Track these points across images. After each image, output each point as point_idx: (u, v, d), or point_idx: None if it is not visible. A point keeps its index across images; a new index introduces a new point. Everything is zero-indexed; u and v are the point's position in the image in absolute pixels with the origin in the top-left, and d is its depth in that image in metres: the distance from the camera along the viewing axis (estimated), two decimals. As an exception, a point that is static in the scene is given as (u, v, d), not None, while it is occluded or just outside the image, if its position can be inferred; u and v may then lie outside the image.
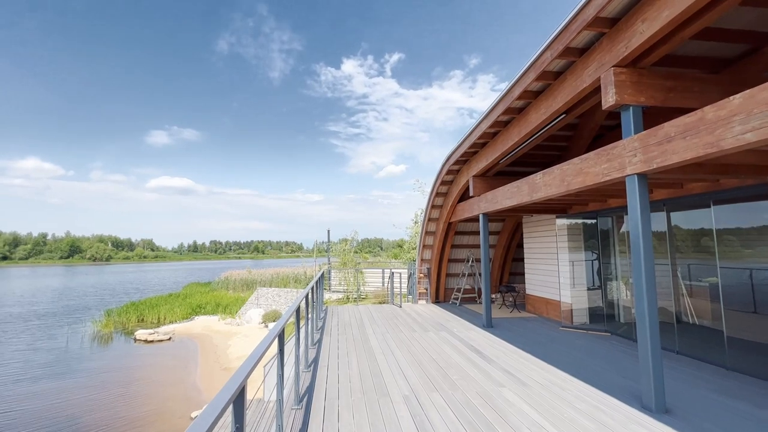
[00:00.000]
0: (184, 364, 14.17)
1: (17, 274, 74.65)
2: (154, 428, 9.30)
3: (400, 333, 7.39)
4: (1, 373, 13.17)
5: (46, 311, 26.49)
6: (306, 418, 3.64)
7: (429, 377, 4.82)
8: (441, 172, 9.38)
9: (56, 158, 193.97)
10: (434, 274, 11.39)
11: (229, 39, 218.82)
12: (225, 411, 1.34)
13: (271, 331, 2.65)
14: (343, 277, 17.03)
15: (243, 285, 29.83)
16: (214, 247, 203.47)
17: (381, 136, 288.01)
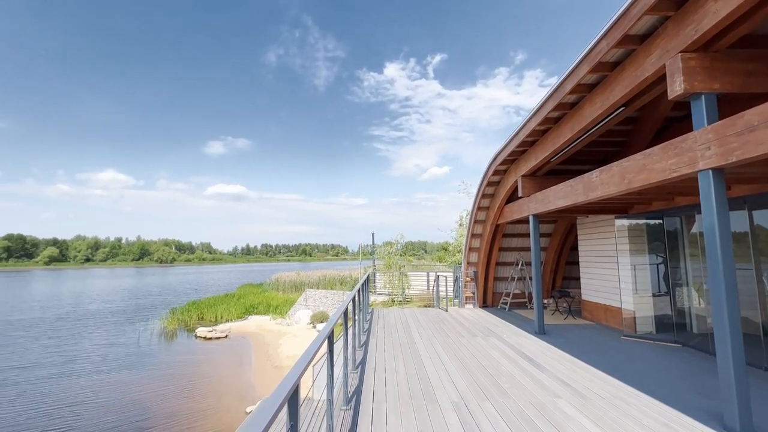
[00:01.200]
0: (239, 361, 14.94)
1: (97, 274, 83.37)
2: (212, 421, 9.88)
3: (447, 337, 7.26)
4: (85, 364, 14.70)
5: (119, 309, 29.27)
6: (355, 419, 3.68)
7: (478, 384, 4.68)
8: (487, 172, 9.12)
9: (129, 170, 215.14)
10: (481, 278, 11.08)
11: (277, 51, 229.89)
12: (281, 409, 1.39)
13: (321, 332, 2.71)
14: (387, 280, 17.10)
15: (292, 286, 30.95)
16: (265, 250, 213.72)
17: (424, 139, 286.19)
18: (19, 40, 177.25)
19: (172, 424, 9.63)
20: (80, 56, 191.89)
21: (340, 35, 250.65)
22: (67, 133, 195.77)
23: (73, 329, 20.81)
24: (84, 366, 14.22)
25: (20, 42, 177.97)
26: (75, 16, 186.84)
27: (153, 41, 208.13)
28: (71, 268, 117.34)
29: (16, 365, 14.04)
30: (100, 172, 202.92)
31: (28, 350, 16.24)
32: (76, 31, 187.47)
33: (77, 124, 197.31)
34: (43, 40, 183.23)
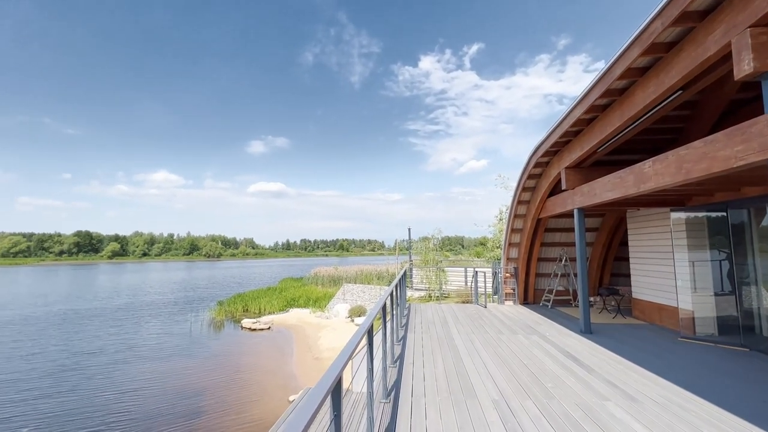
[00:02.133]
0: (281, 352, 15.56)
1: (153, 267, 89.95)
2: (258, 408, 10.38)
3: (486, 334, 7.12)
4: (143, 351, 15.92)
5: (172, 300, 31.41)
6: (394, 412, 3.72)
7: (520, 383, 4.56)
8: (528, 165, 8.79)
9: (179, 170, 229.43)
10: (522, 274, 10.74)
11: (314, 50, 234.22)
12: (325, 399, 1.43)
13: (361, 326, 2.76)
14: (424, 275, 17.02)
15: (330, 281, 31.68)
16: (304, 245, 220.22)
17: (461, 132, 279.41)
18: (84, 52, 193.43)
19: (222, 410, 10.23)
20: (135, 65, 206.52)
21: (375, 30, 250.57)
22: (125, 137, 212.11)
23: (131, 319, 22.59)
24: (142, 353, 15.39)
25: (85, 54, 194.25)
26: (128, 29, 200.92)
27: (198, 48, 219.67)
28: (130, 261, 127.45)
29: (85, 351, 15.44)
30: (154, 173, 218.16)
31: (94, 338, 17.79)
32: (131, 42, 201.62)
33: (133, 129, 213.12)
34: (104, 52, 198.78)
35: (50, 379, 12.07)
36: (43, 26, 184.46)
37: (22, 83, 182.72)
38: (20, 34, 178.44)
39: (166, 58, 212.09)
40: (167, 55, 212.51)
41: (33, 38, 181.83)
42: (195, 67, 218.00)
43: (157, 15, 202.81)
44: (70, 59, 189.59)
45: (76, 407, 10.31)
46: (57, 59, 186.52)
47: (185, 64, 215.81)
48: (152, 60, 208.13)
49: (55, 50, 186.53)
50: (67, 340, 17.32)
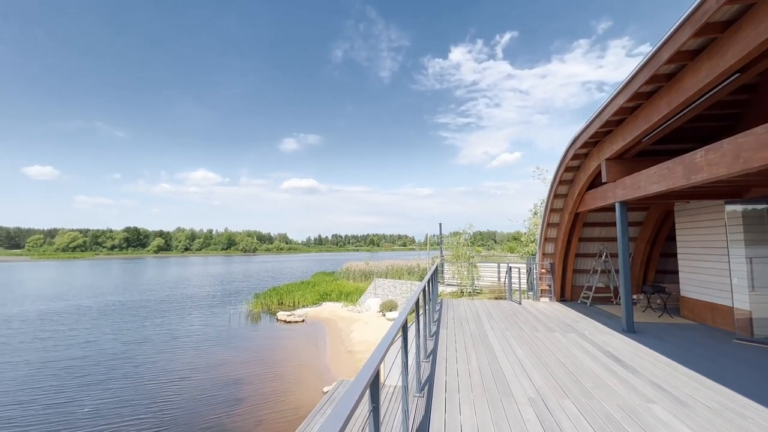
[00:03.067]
0: (315, 344, 15.97)
1: (193, 261, 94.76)
2: (293, 397, 10.73)
3: (521, 331, 6.97)
4: (186, 342, 16.82)
5: (211, 293, 32.97)
6: (428, 406, 3.74)
7: (557, 381, 4.44)
8: (565, 157, 8.45)
9: (217, 168, 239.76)
10: (558, 270, 10.39)
11: (343, 46, 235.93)
12: (365, 392, 1.47)
13: (396, 320, 2.79)
14: (456, 271, 16.85)
15: (362, 275, 32.06)
16: (336, 240, 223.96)
17: (493, 124, 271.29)
18: (129, 58, 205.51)
19: (260, 398, 10.67)
20: (174, 68, 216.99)
21: (404, 24, 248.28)
22: (167, 138, 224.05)
23: (174, 310, 23.89)
24: (185, 343, 16.26)
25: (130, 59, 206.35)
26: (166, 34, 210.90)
27: (231, 49, 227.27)
28: (174, 256, 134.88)
29: (133, 341, 16.46)
30: (194, 172, 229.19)
31: (141, 328, 18.97)
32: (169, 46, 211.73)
33: (175, 130, 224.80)
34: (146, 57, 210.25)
35: (103, 366, 13.00)
36: (93, 35, 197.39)
37: (79, 90, 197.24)
38: (75, 44, 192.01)
39: (202, 61, 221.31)
40: (203, 58, 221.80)
41: (87, 47, 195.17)
42: (229, 68, 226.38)
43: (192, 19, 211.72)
44: (117, 65, 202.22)
45: (127, 393, 11.09)
46: (106, 66, 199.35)
47: (220, 65, 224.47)
48: (189, 62, 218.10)
49: (104, 57, 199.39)
50: (117, 329, 18.60)
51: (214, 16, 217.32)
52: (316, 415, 8.21)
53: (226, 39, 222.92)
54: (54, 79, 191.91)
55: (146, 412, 9.74)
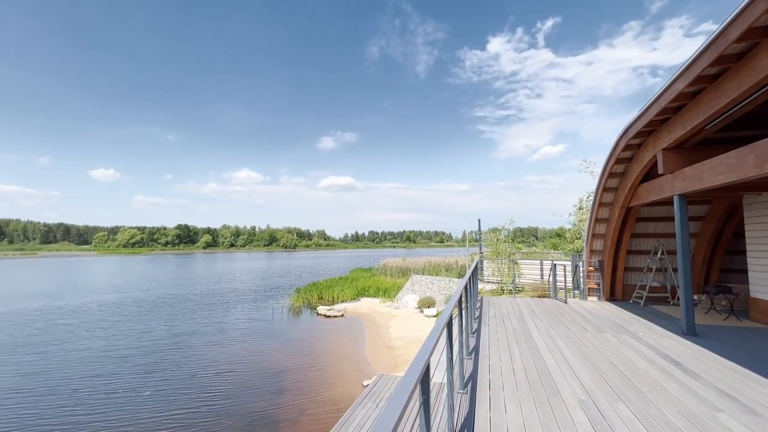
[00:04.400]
0: (355, 339, 16.26)
1: (238, 257, 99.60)
2: (334, 390, 11.01)
3: (568, 331, 6.69)
4: (232, 334, 17.71)
5: (255, 287, 34.48)
6: (472, 403, 3.70)
7: (609, 384, 4.23)
8: (616, 148, 7.97)
9: (259, 168, 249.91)
10: (608, 268, 9.84)
11: (379, 43, 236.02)
12: (417, 386, 1.49)
13: (441, 316, 2.79)
14: (496, 268, 16.45)
15: (399, 272, 32.17)
16: (372, 237, 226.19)
17: (534, 115, 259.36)
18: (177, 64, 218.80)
19: (303, 389, 11.06)
20: (217, 72, 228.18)
21: (440, 16, 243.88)
22: (213, 140, 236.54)
23: (220, 304, 25.16)
24: (232, 336, 17.11)
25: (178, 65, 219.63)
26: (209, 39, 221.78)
27: (269, 50, 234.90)
28: (220, 251, 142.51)
29: (184, 332, 17.50)
30: (238, 172, 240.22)
31: (190, 320, 20.13)
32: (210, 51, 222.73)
33: (220, 132, 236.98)
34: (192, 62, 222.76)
35: (156, 356, 13.91)
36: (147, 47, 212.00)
37: (136, 98, 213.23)
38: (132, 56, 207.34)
39: (243, 65, 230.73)
40: (243, 62, 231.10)
41: (142, 58, 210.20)
42: (268, 71, 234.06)
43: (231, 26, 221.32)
44: (166, 73, 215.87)
45: (181, 381, 11.89)
46: (158, 75, 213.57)
47: (260, 69, 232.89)
48: (231, 68, 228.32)
49: (155, 67, 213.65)
50: (168, 321, 19.89)
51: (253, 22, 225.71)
52: (357, 407, 8.38)
53: (264, 43, 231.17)
54: (115, 88, 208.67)
55: (200, 399, 10.41)
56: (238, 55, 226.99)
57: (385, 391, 9.35)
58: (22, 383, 11.41)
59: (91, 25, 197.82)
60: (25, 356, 13.77)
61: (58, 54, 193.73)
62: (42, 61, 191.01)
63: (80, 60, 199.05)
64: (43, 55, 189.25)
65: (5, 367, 12.63)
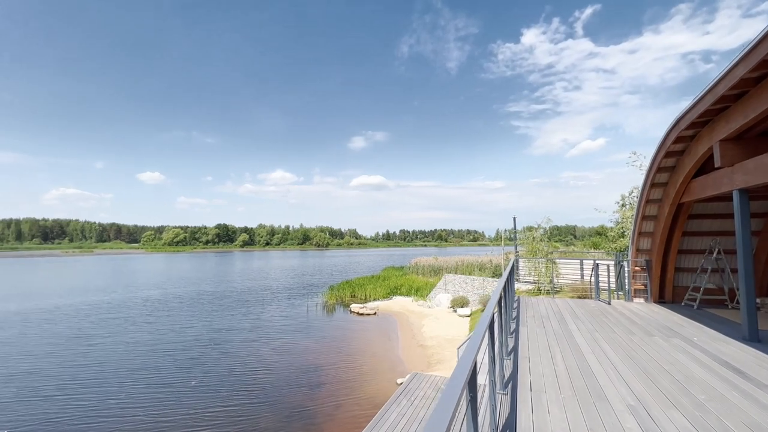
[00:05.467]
0: (388, 337, 16.34)
1: (274, 255, 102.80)
2: (368, 387, 11.13)
3: (613, 333, 6.38)
4: (268, 331, 18.31)
5: (289, 285, 35.43)
6: (513, 404, 3.63)
7: (660, 390, 4.00)
8: (665, 140, 7.49)
9: (292, 168, 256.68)
10: (656, 268, 9.28)
11: (409, 41, 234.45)
12: (465, 386, 1.48)
13: (482, 317, 2.75)
14: (532, 267, 15.95)
15: (431, 271, 31.95)
16: (403, 236, 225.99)
17: (572, 109, 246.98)
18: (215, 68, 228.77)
19: (337, 385, 11.26)
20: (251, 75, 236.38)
21: (472, 11, 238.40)
22: (249, 142, 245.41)
23: (256, 301, 26.01)
24: (268, 332, 17.65)
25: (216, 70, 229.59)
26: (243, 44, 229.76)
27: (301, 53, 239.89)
28: (256, 250, 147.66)
29: (222, 328, 18.21)
30: (272, 172, 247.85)
31: (228, 316, 20.91)
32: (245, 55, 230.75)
33: (255, 134, 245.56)
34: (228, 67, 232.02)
35: (197, 350, 14.55)
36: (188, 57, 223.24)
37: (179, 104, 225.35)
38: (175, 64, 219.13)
39: (276, 68, 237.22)
40: (275, 64, 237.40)
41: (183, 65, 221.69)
42: (299, 71, 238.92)
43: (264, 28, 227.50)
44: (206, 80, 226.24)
45: (222, 374, 12.43)
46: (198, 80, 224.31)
47: (291, 69, 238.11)
48: (264, 72, 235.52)
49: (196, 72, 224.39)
50: (208, 317, 20.79)
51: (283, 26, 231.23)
52: (392, 404, 8.43)
53: (295, 46, 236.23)
54: (160, 95, 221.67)
55: (240, 391, 10.86)
56: (271, 59, 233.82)
57: (420, 389, 9.34)
58: (78, 373, 12.40)
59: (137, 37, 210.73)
60: (82, 347, 14.91)
61: (112, 66, 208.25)
62: (98, 73, 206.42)
63: (131, 70, 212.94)
64: (99, 67, 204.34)
65: (64, 358, 13.74)
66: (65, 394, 10.49)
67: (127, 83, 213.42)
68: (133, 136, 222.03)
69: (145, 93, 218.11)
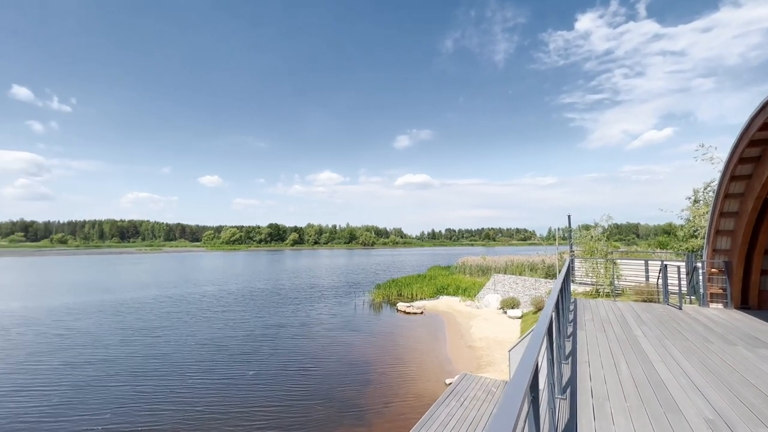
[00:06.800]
0: (435, 337, 16.23)
1: (322, 254, 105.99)
2: (416, 386, 11.13)
3: (686, 341, 5.84)
4: (317, 327, 18.91)
5: (337, 283, 36.33)
6: (573, 410, 3.46)
7: (745, 404, 3.60)
8: (749, 128, 6.70)
9: (339, 169, 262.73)
10: (738, 270, 8.33)
11: (454, 36, 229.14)
12: (527, 389, 1.45)
13: (540, 319, 2.66)
14: (590, 268, 14.99)
15: (478, 270, 31.22)
16: (449, 235, 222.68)
17: (634, 97, 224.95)
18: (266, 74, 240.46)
19: (386, 382, 11.40)
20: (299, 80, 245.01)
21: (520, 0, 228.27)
22: (298, 145, 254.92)
23: (305, 298, 26.92)
24: (317, 328, 18.22)
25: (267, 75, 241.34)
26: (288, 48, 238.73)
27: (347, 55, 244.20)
28: (305, 248, 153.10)
29: (272, 324, 19.02)
30: (320, 173, 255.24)
31: (279, 313, 21.82)
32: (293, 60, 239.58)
33: (304, 137, 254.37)
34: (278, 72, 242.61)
35: (251, 345, 15.34)
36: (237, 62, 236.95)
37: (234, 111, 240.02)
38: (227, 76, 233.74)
39: (321, 72, 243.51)
40: (321, 68, 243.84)
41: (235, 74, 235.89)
42: (345, 73, 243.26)
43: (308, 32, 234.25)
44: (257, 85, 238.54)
45: (275, 367, 13.08)
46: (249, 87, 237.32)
47: (336, 71, 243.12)
48: (310, 75, 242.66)
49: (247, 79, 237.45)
50: (261, 313, 21.88)
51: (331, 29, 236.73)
52: (441, 404, 8.38)
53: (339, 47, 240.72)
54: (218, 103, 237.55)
55: (293, 383, 11.37)
56: (316, 62, 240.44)
57: (469, 390, 9.19)
58: (146, 363, 13.64)
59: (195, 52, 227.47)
60: (148, 339, 16.32)
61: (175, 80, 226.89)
62: (163, 87, 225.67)
63: (191, 83, 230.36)
64: (163, 81, 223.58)
65: (133, 349, 15.15)
66: (136, 383, 11.49)
67: (188, 95, 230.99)
68: (195, 143, 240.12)
69: (203, 103, 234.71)
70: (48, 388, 10.93)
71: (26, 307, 23.14)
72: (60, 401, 10.07)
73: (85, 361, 13.15)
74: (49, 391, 10.72)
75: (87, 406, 9.85)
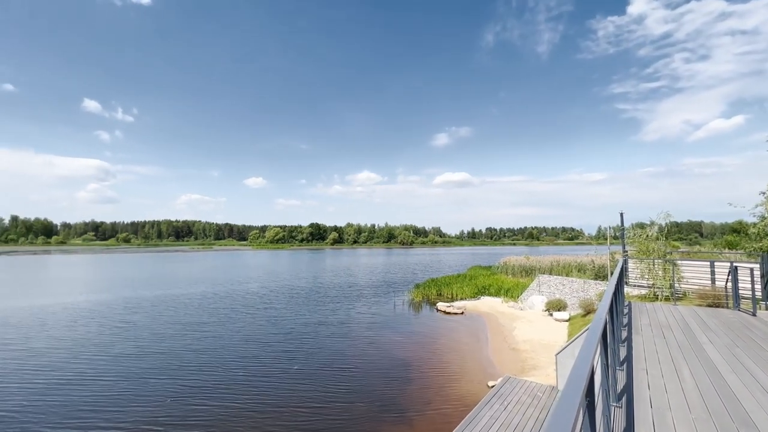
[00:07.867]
0: (476, 338, 15.90)
1: (361, 253, 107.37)
2: (457, 387, 10.97)
3: (761, 350, 5.30)
4: (357, 326, 19.08)
5: (376, 281, 36.59)
6: (630, 419, 3.27)
7: (837, 425, 3.21)
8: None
9: (377, 169, 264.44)
10: (824, 273, 7.42)
11: (494, 29, 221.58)
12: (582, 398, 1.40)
13: (593, 323, 2.54)
14: (646, 269, 13.98)
15: (521, 271, 30.18)
16: (490, 234, 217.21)
17: (697, 83, 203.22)
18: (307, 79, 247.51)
19: (426, 383, 11.34)
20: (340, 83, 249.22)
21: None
22: (337, 146, 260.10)
23: (345, 297, 27.20)
24: (357, 326, 18.35)
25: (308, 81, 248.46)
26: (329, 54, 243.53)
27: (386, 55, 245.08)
28: (345, 247, 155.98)
29: (313, 322, 19.29)
30: (359, 173, 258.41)
31: (317, 311, 22.10)
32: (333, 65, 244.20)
33: (343, 138, 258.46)
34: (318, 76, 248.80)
35: (293, 342, 15.68)
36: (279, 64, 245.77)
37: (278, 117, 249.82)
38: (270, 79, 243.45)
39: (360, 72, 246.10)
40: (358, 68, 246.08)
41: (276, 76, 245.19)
42: (383, 72, 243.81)
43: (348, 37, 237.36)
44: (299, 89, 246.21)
45: (317, 363, 13.39)
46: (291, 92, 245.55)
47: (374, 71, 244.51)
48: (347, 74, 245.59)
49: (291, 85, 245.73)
50: (301, 310, 22.38)
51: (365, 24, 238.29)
52: (484, 407, 8.22)
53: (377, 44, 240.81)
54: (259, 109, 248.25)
55: (334, 380, 11.59)
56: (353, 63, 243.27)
57: (513, 394, 8.94)
58: (196, 358, 14.50)
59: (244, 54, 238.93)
60: (197, 333, 17.29)
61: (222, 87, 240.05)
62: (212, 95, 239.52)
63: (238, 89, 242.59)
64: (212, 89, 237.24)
65: (186, 342, 16.15)
66: (188, 375, 12.21)
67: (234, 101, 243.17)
68: (241, 146, 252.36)
69: (248, 108, 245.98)
70: (111, 376, 11.97)
71: (89, 300, 25.52)
72: (123, 388, 11.02)
73: (144, 353, 14.20)
74: (113, 378, 11.76)
75: (149, 393, 10.70)
